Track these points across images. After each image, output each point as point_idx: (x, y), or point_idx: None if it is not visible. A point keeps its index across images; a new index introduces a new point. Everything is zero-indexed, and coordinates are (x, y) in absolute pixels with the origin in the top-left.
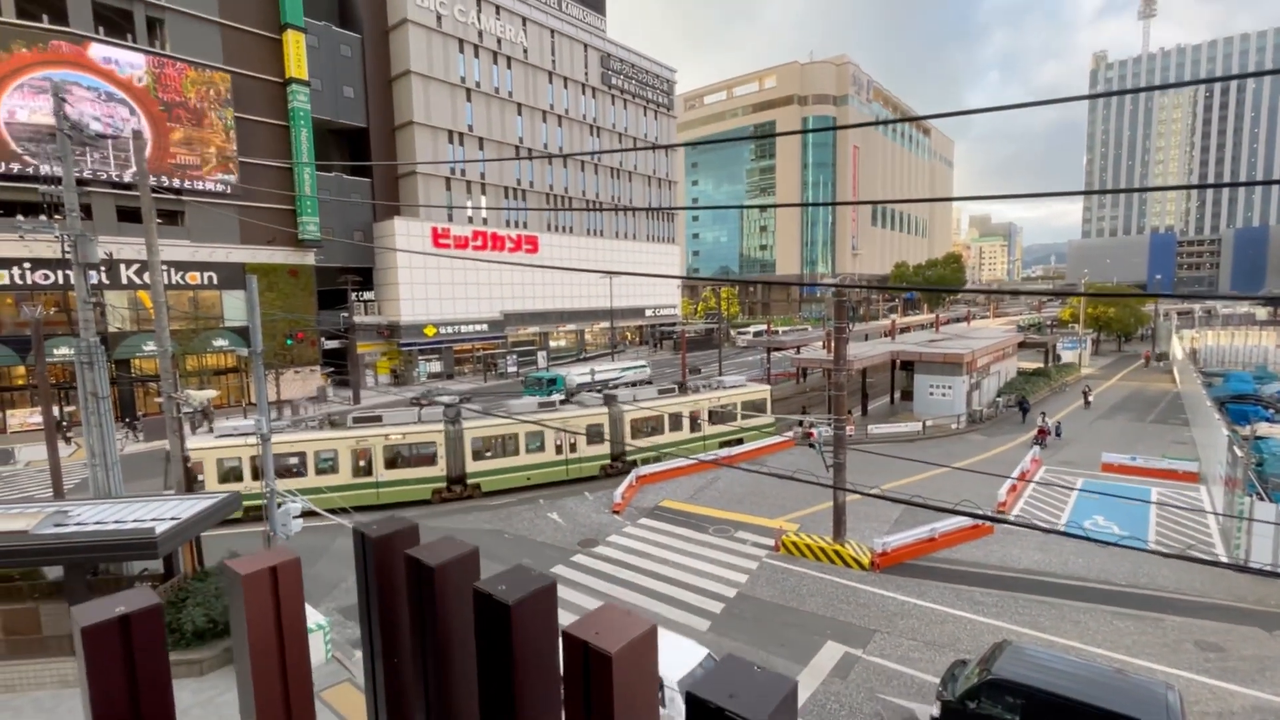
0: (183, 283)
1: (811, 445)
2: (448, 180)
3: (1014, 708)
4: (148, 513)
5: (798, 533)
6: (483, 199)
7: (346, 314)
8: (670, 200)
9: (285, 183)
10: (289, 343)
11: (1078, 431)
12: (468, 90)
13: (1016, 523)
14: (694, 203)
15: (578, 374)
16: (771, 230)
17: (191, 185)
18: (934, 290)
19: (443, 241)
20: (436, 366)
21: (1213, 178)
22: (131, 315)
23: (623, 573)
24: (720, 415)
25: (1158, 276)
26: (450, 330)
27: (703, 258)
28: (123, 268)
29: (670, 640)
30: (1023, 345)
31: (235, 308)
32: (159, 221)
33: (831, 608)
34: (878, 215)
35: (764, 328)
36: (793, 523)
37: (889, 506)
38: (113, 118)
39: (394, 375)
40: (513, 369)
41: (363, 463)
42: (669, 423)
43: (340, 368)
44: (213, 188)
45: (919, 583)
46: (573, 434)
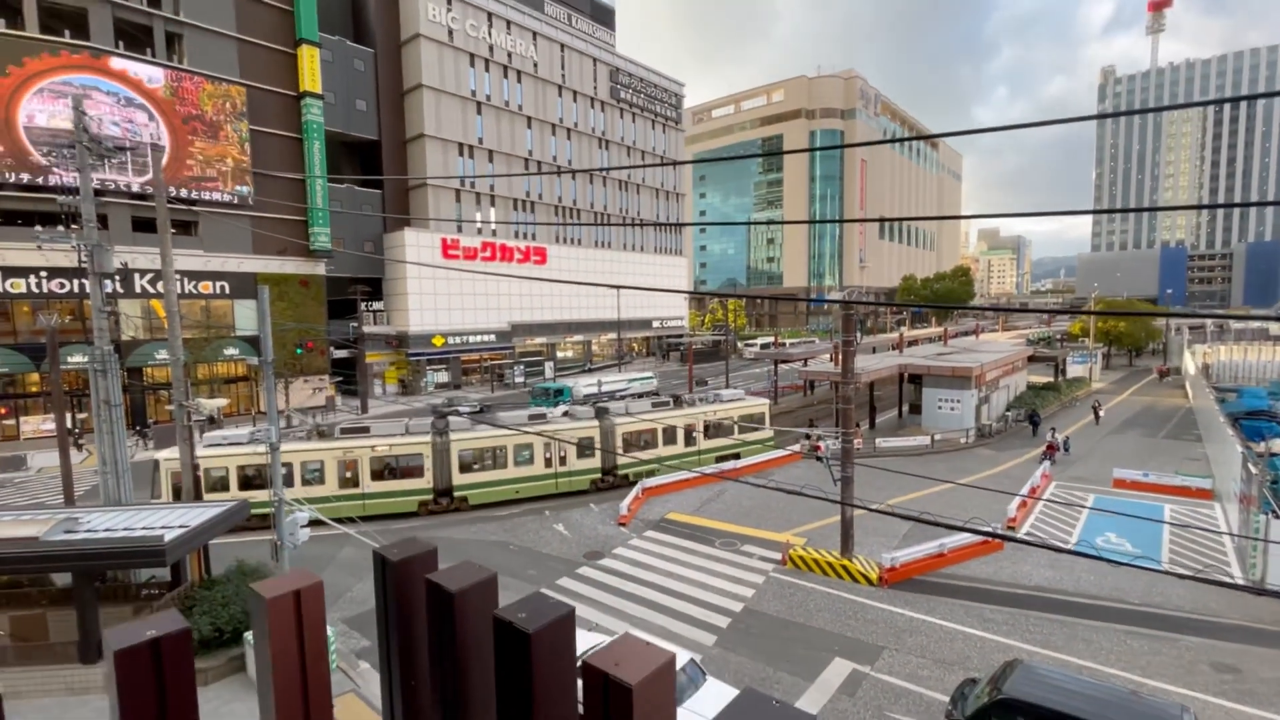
0: (195, 292)
1: (819, 458)
2: (458, 192)
3: None
4: (157, 520)
5: (805, 547)
6: (492, 211)
7: (356, 324)
8: (678, 212)
9: (297, 194)
10: (299, 352)
11: (1088, 447)
12: (478, 103)
13: (1026, 541)
14: (701, 215)
15: (585, 385)
16: (779, 243)
17: (206, 196)
18: (943, 307)
19: (452, 253)
20: (444, 377)
21: (1223, 192)
22: (144, 324)
23: (628, 586)
24: (717, 429)
25: (1169, 291)
26: (458, 340)
27: (710, 269)
28: (137, 277)
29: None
30: (1032, 359)
31: (246, 317)
32: (173, 231)
33: (839, 623)
34: (885, 228)
35: (771, 340)
36: (800, 537)
37: (897, 521)
38: (131, 123)
39: (402, 385)
40: (520, 379)
41: (349, 474)
42: (663, 436)
43: (349, 377)
44: (226, 199)
45: (928, 599)
46: (562, 447)
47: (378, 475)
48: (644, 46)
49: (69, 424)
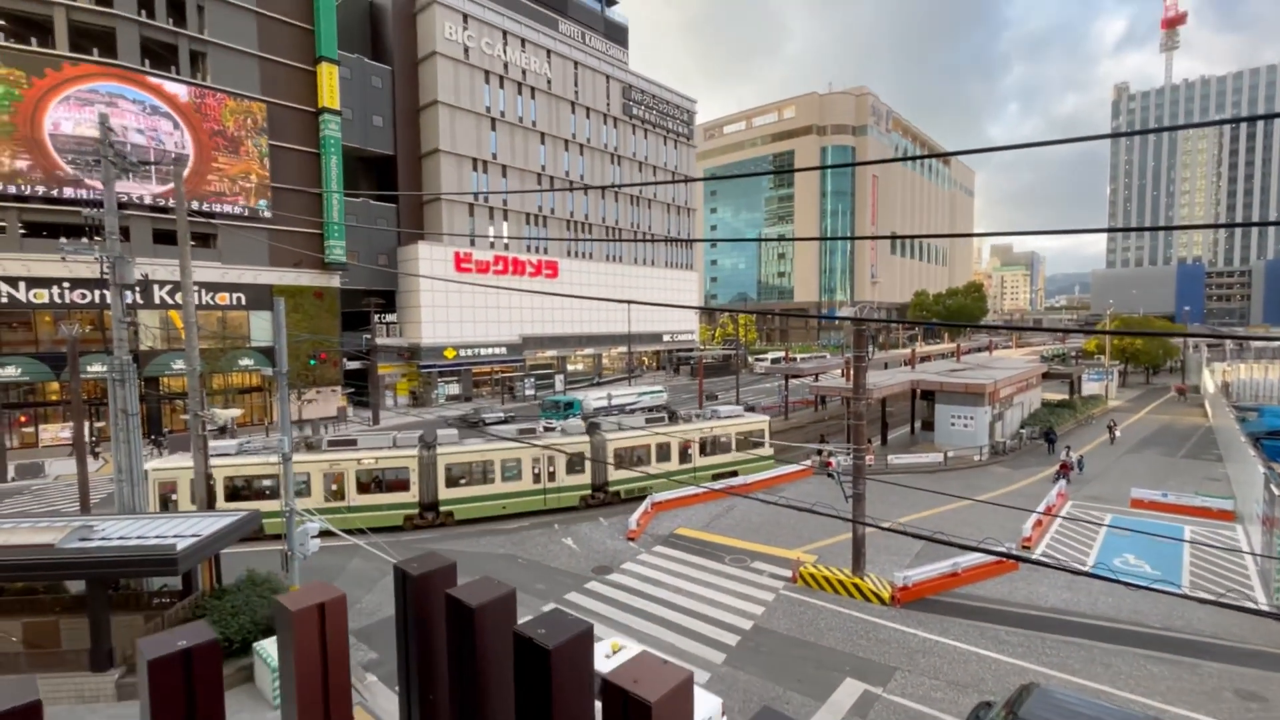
0: (212, 303)
1: (830, 475)
2: (471, 206)
3: None
4: (170, 529)
5: (816, 564)
6: (505, 225)
7: (369, 336)
8: (689, 227)
9: (314, 208)
10: (312, 363)
11: (1105, 466)
12: (492, 120)
13: (1042, 563)
14: (712, 230)
15: (594, 398)
16: (790, 258)
17: (225, 209)
18: (956, 325)
19: (465, 266)
20: (455, 389)
21: (1241, 209)
22: (162, 334)
23: (637, 601)
24: (715, 446)
25: (1186, 308)
26: (469, 353)
27: (721, 284)
28: (156, 288)
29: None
30: (1047, 376)
31: (261, 328)
32: (192, 244)
33: (850, 643)
34: (897, 243)
35: (782, 355)
36: (810, 554)
37: (910, 539)
38: (156, 131)
39: (413, 397)
40: (530, 392)
41: (335, 486)
42: (656, 453)
43: (361, 388)
44: (245, 212)
45: (941, 619)
46: (551, 463)
47: (364, 488)
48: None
49: (85, 432)
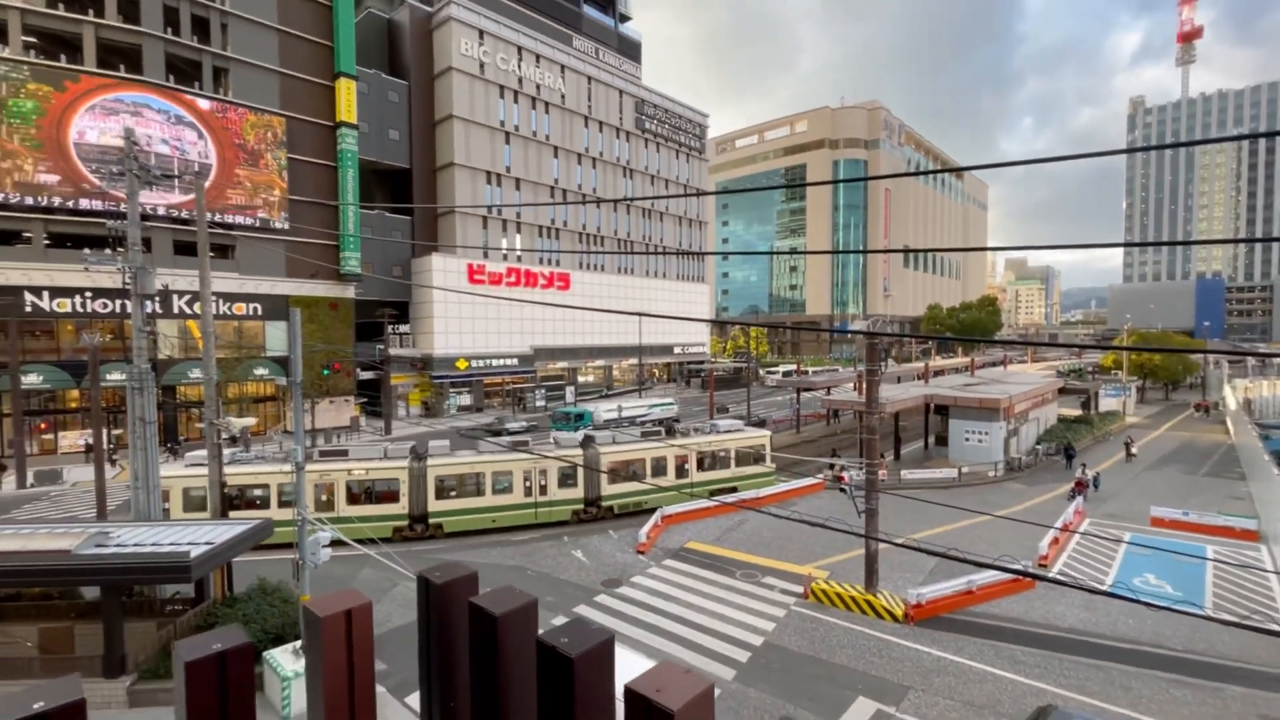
0: (229, 313)
1: (843, 489)
2: (484, 219)
3: None
4: (183, 536)
5: (828, 580)
6: (517, 238)
7: (382, 346)
8: (700, 240)
9: (330, 220)
10: (325, 373)
11: (1123, 484)
12: (506, 134)
13: (1060, 581)
14: (724, 242)
15: (605, 410)
16: (801, 270)
17: (243, 221)
18: (970, 340)
19: (478, 278)
20: (466, 400)
21: (1261, 224)
22: (180, 343)
23: (647, 615)
24: (713, 461)
25: (1206, 324)
26: (481, 364)
27: (732, 296)
28: (175, 298)
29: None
30: (1063, 391)
31: (277, 338)
32: (211, 255)
33: (863, 661)
34: (910, 257)
35: (793, 368)
36: (822, 570)
37: (923, 555)
38: (180, 141)
39: (425, 407)
40: (541, 403)
41: (325, 497)
42: (651, 467)
43: (374, 399)
44: (264, 223)
45: (956, 638)
46: (542, 476)
47: (353, 499)
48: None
49: (104, 440)
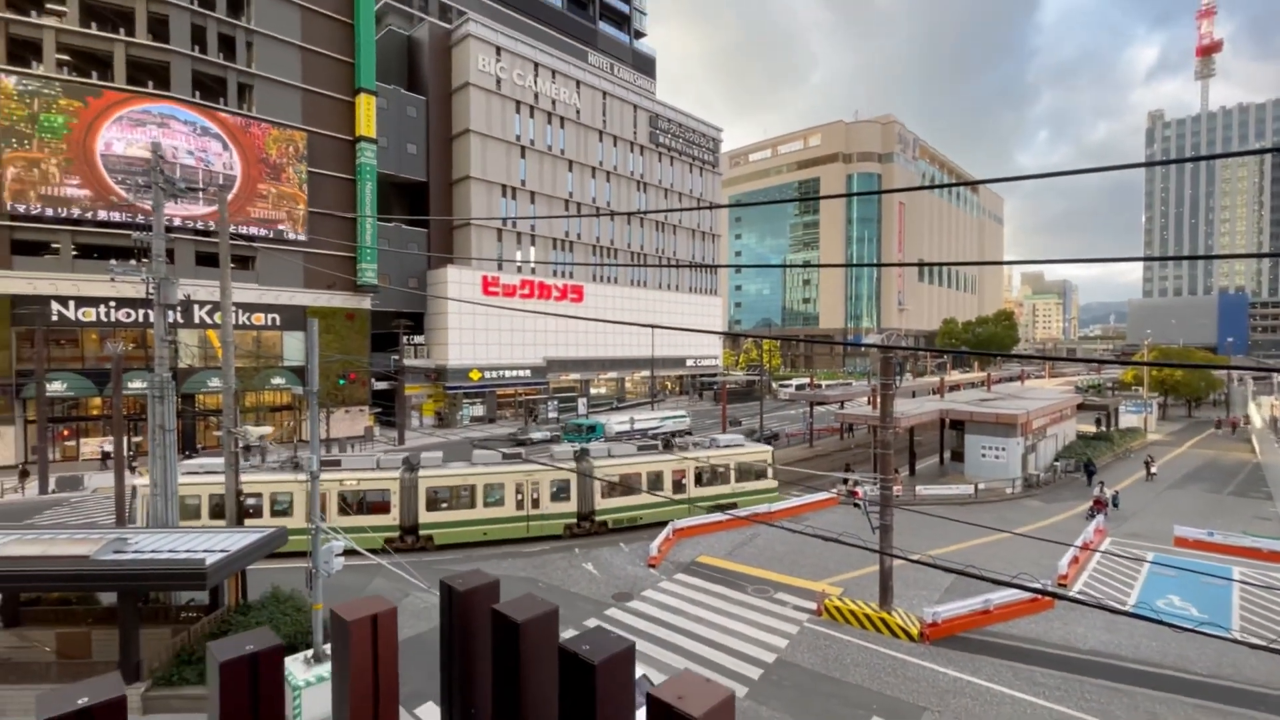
0: (249, 323)
1: (857, 505)
2: (499, 231)
3: None
4: (199, 544)
5: (841, 597)
6: (532, 250)
7: (397, 357)
8: (714, 253)
9: (348, 232)
10: (341, 383)
11: (1144, 502)
12: (522, 148)
13: (1080, 600)
14: (737, 256)
15: (617, 422)
16: (815, 284)
17: (265, 233)
18: (987, 354)
19: (492, 290)
20: (479, 410)
21: None
22: (200, 353)
23: (658, 630)
24: (712, 476)
25: (1229, 339)
26: (494, 375)
27: (745, 309)
28: (196, 308)
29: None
30: (1082, 408)
31: (294, 348)
32: (231, 266)
33: (877, 680)
34: (925, 270)
35: (806, 381)
36: (836, 586)
37: (939, 573)
38: (205, 152)
39: (438, 417)
40: (553, 415)
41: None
42: (647, 482)
43: (388, 408)
44: (285, 235)
45: (972, 658)
46: (535, 489)
47: (344, 510)
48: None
49: (124, 447)
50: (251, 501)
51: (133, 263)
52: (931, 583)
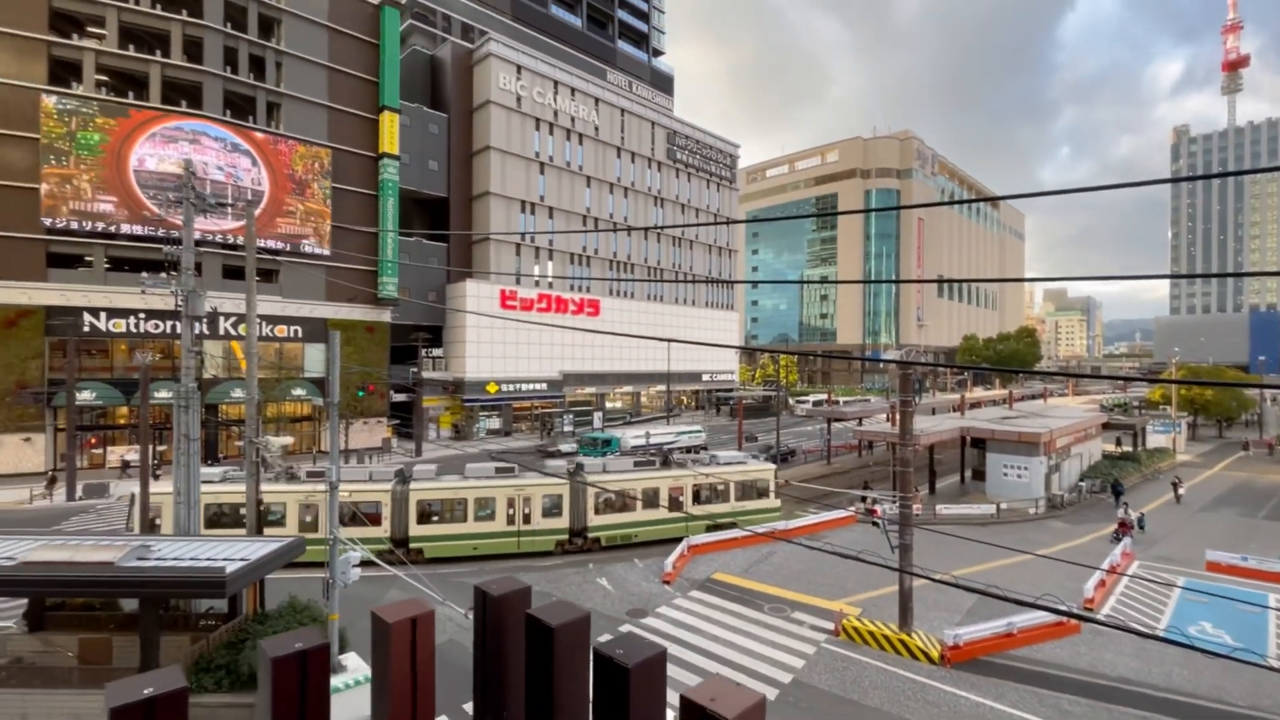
0: (271, 335)
1: (875, 523)
2: (518, 246)
3: None
4: (219, 552)
5: (860, 617)
6: (549, 264)
7: (415, 369)
8: (730, 268)
9: (370, 246)
10: (360, 395)
11: (1174, 525)
12: (541, 164)
13: (1108, 624)
14: (754, 271)
15: (632, 436)
16: (832, 299)
17: (289, 247)
18: (1009, 371)
19: (510, 303)
20: (496, 423)
21: None
22: (224, 363)
23: (672, 648)
24: (713, 494)
25: (1262, 358)
26: (511, 388)
27: (762, 324)
28: (221, 320)
29: None
30: (1107, 426)
31: (315, 359)
32: (256, 279)
33: (897, 704)
34: (944, 287)
35: (824, 397)
36: (854, 606)
37: (960, 594)
38: (235, 167)
39: (455, 430)
40: (568, 428)
41: (309, 518)
42: (643, 499)
43: (406, 420)
44: (308, 250)
45: (996, 683)
46: (527, 504)
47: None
48: (701, 110)
49: (149, 455)
50: (245, 511)
51: (163, 275)
52: (952, 604)
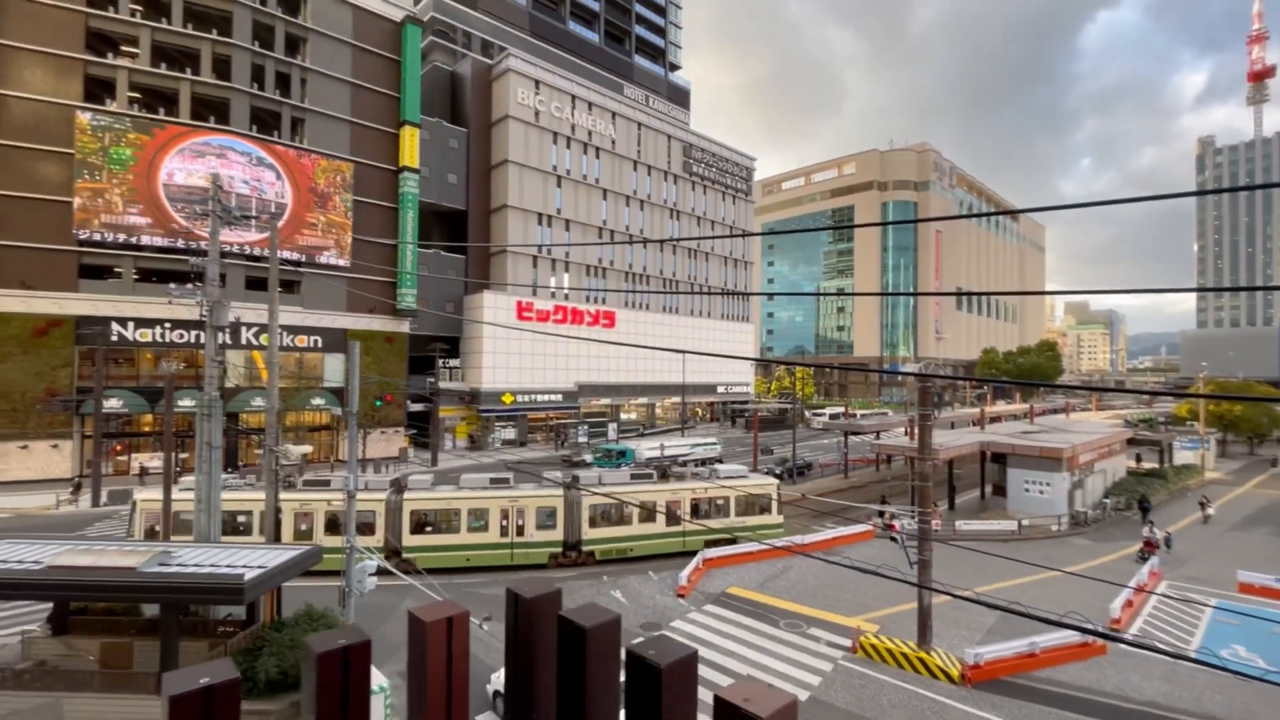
0: (292, 345)
1: (894, 538)
2: (534, 258)
3: None
4: (239, 559)
5: (878, 634)
6: (566, 276)
7: (433, 379)
8: (746, 280)
9: (389, 258)
10: (378, 404)
11: (1203, 544)
12: (558, 177)
13: (1136, 644)
14: (770, 283)
15: (647, 448)
16: (849, 311)
17: (311, 259)
18: (1031, 385)
19: (526, 315)
20: (511, 434)
21: None
22: (245, 373)
23: None
24: (712, 509)
25: None
26: (526, 399)
27: (778, 336)
28: (244, 330)
29: None
30: (1132, 442)
31: (334, 369)
32: (278, 290)
33: None
34: (963, 299)
35: (841, 410)
36: (871, 623)
37: (981, 612)
38: (260, 181)
39: (471, 440)
40: (583, 439)
41: (304, 526)
42: (639, 513)
43: (422, 430)
44: (329, 261)
45: (1018, 705)
46: (520, 516)
47: (331, 529)
48: (717, 124)
49: (172, 462)
50: (241, 519)
51: (189, 286)
52: (973, 622)
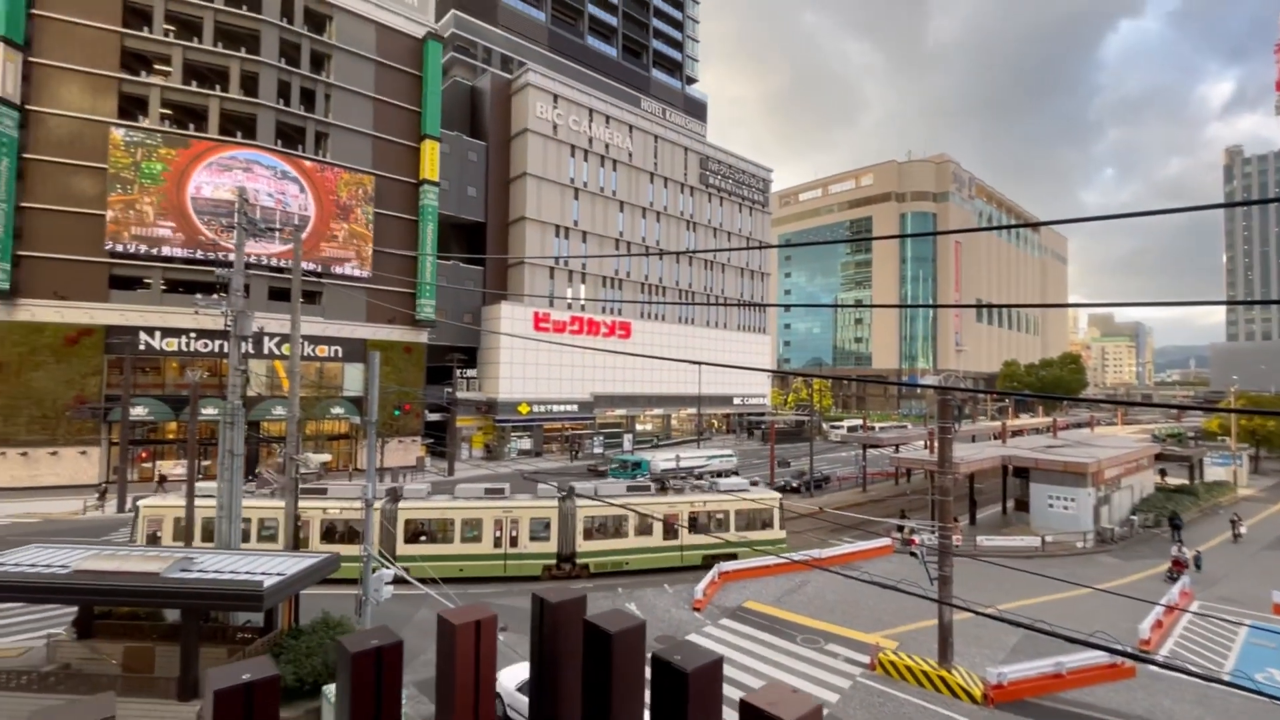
0: (313, 355)
1: (913, 553)
2: (551, 270)
3: None
4: (258, 566)
5: (897, 651)
6: (582, 287)
7: (450, 389)
8: (763, 291)
9: (409, 269)
10: (396, 414)
11: (1235, 564)
12: (576, 190)
13: (1169, 665)
14: (786, 294)
15: (662, 459)
16: (867, 323)
17: (333, 270)
18: (1054, 398)
19: (543, 325)
20: (527, 444)
21: None
22: (267, 382)
23: None
24: (710, 522)
25: None
26: (542, 409)
27: (794, 348)
28: (266, 339)
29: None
30: (1161, 458)
31: (354, 378)
32: (300, 300)
33: None
34: (984, 311)
35: (859, 423)
36: (891, 639)
37: (1004, 630)
38: (284, 194)
39: (487, 450)
40: (598, 450)
41: (302, 535)
42: (635, 526)
43: (439, 439)
44: (350, 272)
45: None
46: (514, 527)
47: (327, 537)
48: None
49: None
50: (239, 526)
51: (214, 297)
52: (996, 641)
